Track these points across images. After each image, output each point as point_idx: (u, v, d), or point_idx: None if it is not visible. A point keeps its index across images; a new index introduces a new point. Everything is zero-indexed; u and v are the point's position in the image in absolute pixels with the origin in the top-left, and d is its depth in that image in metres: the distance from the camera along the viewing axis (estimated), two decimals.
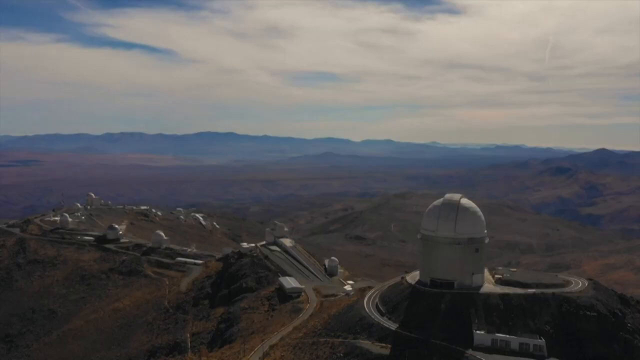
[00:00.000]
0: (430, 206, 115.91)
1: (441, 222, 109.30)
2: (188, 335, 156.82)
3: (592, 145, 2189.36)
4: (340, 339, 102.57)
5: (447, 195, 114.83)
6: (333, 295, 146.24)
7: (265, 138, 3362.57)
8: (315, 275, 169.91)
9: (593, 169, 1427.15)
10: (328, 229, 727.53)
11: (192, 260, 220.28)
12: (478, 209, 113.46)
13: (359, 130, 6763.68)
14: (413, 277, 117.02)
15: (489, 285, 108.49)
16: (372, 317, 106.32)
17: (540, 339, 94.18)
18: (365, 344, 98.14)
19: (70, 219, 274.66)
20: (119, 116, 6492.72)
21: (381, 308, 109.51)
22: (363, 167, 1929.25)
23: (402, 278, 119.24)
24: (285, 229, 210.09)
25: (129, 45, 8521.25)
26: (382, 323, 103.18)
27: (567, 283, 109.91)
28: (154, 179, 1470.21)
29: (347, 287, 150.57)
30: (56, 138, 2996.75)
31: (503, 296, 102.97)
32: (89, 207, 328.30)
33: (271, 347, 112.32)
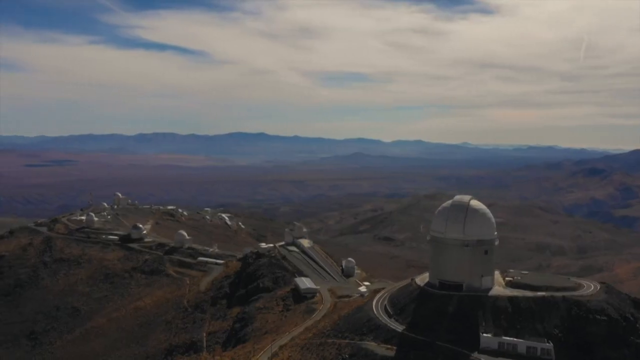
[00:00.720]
0: (439, 207, 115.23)
1: (450, 223, 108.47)
2: (204, 334, 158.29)
3: (628, 146, 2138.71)
4: (347, 340, 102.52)
5: (457, 197, 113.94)
6: (347, 296, 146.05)
7: (296, 138, 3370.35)
8: (331, 276, 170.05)
9: (628, 171, 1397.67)
10: (357, 229, 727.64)
11: (214, 260, 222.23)
12: (488, 211, 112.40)
13: (389, 130, 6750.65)
14: (423, 279, 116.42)
15: (498, 288, 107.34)
16: (379, 318, 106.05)
17: (548, 342, 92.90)
18: (371, 345, 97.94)
19: (96, 219, 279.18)
20: (152, 117, 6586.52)
21: (389, 309, 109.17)
22: (393, 168, 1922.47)
23: (412, 280, 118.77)
24: (304, 230, 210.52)
25: (161, 47, 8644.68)
26: (388, 324, 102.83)
27: (578, 286, 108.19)
28: (185, 179, 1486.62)
29: (362, 288, 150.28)
30: (90, 138, 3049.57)
31: (512, 299, 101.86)
32: (115, 206, 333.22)
33: (281, 347, 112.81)
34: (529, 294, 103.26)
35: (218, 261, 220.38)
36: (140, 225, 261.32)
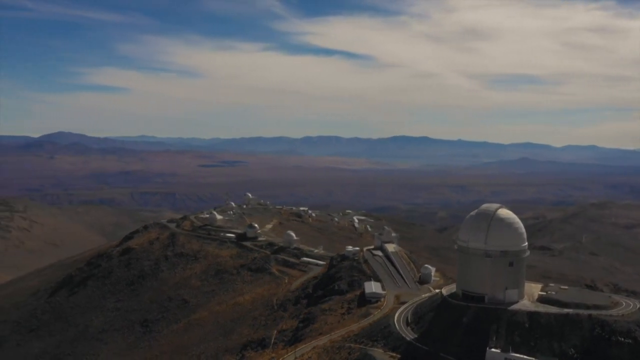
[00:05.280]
0: (467, 216, 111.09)
1: (473, 233, 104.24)
2: (275, 332, 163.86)
3: None
4: (361, 345, 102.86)
5: (484, 205, 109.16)
6: None
7: (459, 142, 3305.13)
8: (405, 281, 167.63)
9: None
10: None
11: (315, 261, 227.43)
12: (517, 221, 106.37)
13: (559, 135, 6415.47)
14: (450, 289, 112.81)
15: (524, 302, 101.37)
16: (395, 326, 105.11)
17: None
18: (377, 352, 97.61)
19: (219, 217, 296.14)
20: (318, 120, 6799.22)
21: (409, 318, 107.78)
22: (562, 174, 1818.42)
23: (440, 290, 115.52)
24: (393, 234, 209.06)
25: (329, 52, 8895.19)
26: (401, 333, 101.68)
27: (614, 305, 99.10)
28: (346, 182, 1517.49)
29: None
30: (260, 141, 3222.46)
31: (531, 314, 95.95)
32: (245, 206, 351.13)
33: (313, 348, 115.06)
34: (553, 310, 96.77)
35: (319, 262, 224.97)
36: (255, 225, 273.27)
